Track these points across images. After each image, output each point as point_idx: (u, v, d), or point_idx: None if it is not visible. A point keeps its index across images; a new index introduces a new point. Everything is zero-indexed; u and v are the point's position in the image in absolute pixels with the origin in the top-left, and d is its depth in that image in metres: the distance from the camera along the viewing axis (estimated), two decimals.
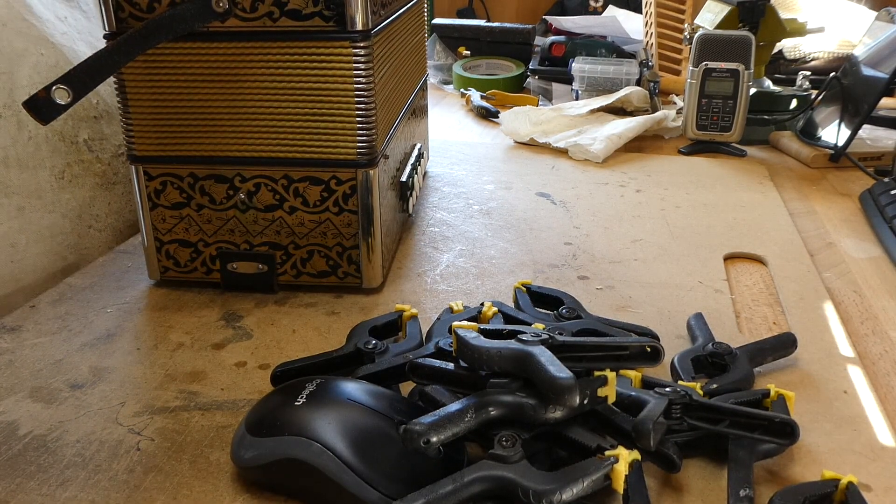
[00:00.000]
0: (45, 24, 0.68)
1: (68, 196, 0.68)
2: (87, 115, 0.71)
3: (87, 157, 0.70)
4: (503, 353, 0.39)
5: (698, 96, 0.98)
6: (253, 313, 0.59)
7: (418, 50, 0.81)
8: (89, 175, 0.70)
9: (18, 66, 0.64)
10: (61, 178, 0.67)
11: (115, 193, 0.74)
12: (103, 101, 0.74)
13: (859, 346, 0.55)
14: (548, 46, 1.30)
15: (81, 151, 0.69)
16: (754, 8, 1.02)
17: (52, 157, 0.66)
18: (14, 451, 0.43)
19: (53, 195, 0.66)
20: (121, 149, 0.75)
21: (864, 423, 0.46)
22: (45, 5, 0.70)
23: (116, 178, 0.74)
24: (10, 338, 0.55)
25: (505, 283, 0.64)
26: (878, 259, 0.69)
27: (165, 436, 0.45)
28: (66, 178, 0.67)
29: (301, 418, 0.39)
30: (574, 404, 0.37)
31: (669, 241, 0.72)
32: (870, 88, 0.91)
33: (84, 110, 0.71)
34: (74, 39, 0.72)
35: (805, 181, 0.90)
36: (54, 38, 0.68)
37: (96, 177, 0.71)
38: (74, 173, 0.68)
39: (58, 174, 0.67)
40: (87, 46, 0.74)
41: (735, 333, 0.56)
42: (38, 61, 0.66)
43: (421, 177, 0.77)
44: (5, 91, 0.63)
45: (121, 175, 0.75)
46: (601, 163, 0.95)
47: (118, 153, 0.74)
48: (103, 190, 0.71)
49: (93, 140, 0.70)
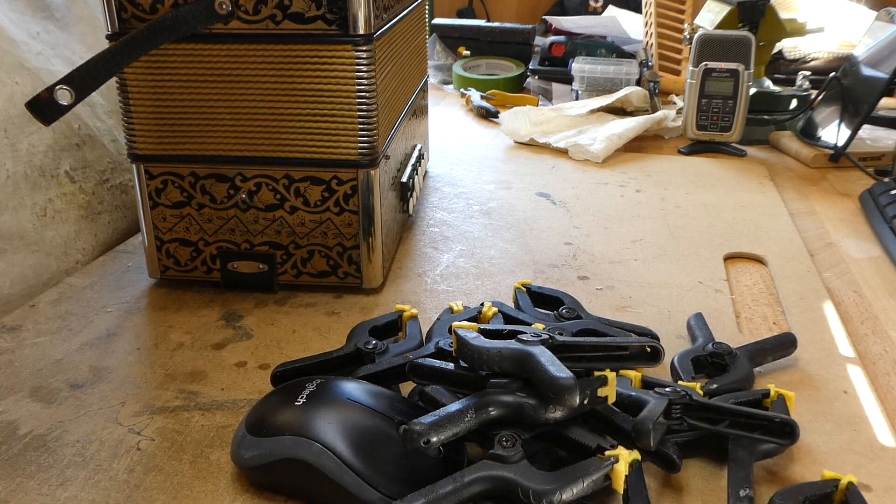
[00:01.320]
0: (18, 48, 0.65)
1: (52, 233, 0.65)
2: (69, 144, 0.69)
3: (70, 190, 0.67)
4: (503, 353, 0.39)
5: (698, 96, 0.98)
6: (253, 313, 0.59)
7: (419, 51, 0.81)
8: (73, 208, 0.67)
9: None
10: (43, 215, 0.64)
11: (101, 223, 0.71)
12: (84, 126, 0.71)
13: (859, 346, 0.55)
14: (548, 46, 1.30)
15: (63, 184, 0.67)
16: (754, 8, 1.02)
17: (32, 195, 0.64)
18: (14, 451, 0.43)
19: (36, 234, 0.64)
20: (105, 175, 0.72)
21: (864, 423, 0.46)
22: (16, 23, 0.67)
23: (101, 208, 0.71)
24: (10, 337, 0.55)
25: (505, 283, 0.64)
26: (878, 259, 0.69)
27: (165, 436, 0.45)
28: (49, 215, 0.65)
29: (301, 418, 0.39)
30: (574, 404, 0.37)
31: (669, 241, 0.72)
32: (870, 88, 0.91)
33: (65, 139, 0.68)
34: (49, 58, 0.69)
35: (805, 181, 0.90)
36: (29, 62, 0.66)
37: (80, 209, 0.68)
38: (57, 208, 0.66)
39: (39, 212, 0.64)
40: (62, 63, 0.71)
41: (735, 333, 0.56)
42: (13, 92, 0.64)
43: (421, 177, 0.77)
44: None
45: (106, 203, 0.72)
46: (601, 163, 0.95)
47: (102, 179, 0.72)
48: (88, 222, 0.69)
49: (74, 170, 0.68)
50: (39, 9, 0.71)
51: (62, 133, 0.68)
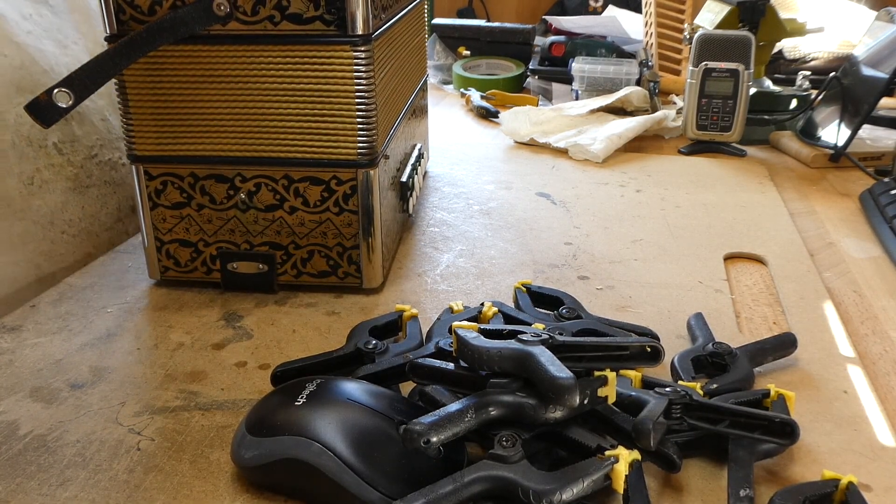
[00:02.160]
0: (7, 24, 0.66)
1: (38, 202, 0.66)
2: None
3: (58, 161, 0.68)
4: (503, 353, 0.39)
5: (698, 96, 0.98)
6: (253, 313, 0.59)
7: (419, 51, 0.81)
8: (60, 179, 0.68)
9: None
10: (30, 183, 0.65)
11: (89, 197, 0.71)
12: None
13: (859, 345, 0.55)
14: (548, 46, 1.30)
15: (51, 155, 0.67)
16: (754, 8, 1.02)
17: (20, 164, 0.64)
18: (14, 451, 0.43)
19: (23, 202, 0.64)
20: (93, 150, 0.73)
21: (864, 422, 0.46)
22: (9, 3, 0.68)
23: (90, 181, 0.72)
24: (10, 337, 0.55)
25: (505, 283, 0.64)
26: (878, 259, 0.69)
27: (166, 436, 0.45)
28: (36, 184, 0.65)
29: (301, 418, 0.39)
30: (574, 404, 0.37)
31: (669, 241, 0.72)
32: (870, 88, 0.91)
33: None
34: (40, 38, 0.70)
35: (805, 181, 0.90)
36: (18, 37, 0.66)
37: (68, 181, 0.68)
38: (44, 178, 0.66)
39: (26, 180, 0.64)
40: (54, 45, 0.72)
41: (735, 333, 0.56)
42: (0, 63, 0.64)
43: (421, 177, 0.77)
44: None
45: (95, 177, 0.73)
46: (601, 163, 0.95)
47: (91, 155, 0.72)
48: (76, 194, 0.69)
49: (63, 143, 0.68)
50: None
51: None
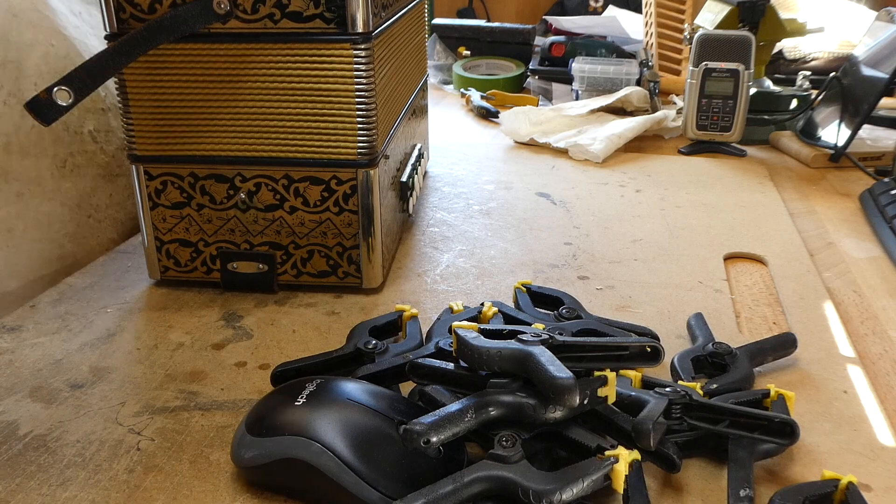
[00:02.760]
0: (58, 17, 0.67)
1: (69, 185, 0.67)
2: (95, 108, 0.71)
3: (91, 148, 0.69)
4: (503, 353, 0.39)
5: (698, 96, 0.97)
6: (253, 313, 0.59)
7: (419, 50, 0.81)
8: (91, 166, 0.69)
9: (27, 56, 0.64)
10: (63, 166, 0.66)
11: (118, 185, 0.73)
12: (111, 95, 0.74)
13: (859, 345, 0.55)
14: (548, 46, 1.30)
15: (85, 142, 0.69)
16: (754, 8, 1.02)
17: (54, 146, 0.66)
18: (14, 451, 0.43)
19: (54, 183, 0.66)
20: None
21: (864, 422, 0.46)
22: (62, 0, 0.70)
23: (120, 171, 0.73)
24: (10, 337, 0.55)
25: (505, 283, 0.64)
26: (878, 259, 0.69)
27: (165, 436, 0.45)
28: (68, 168, 0.67)
29: (301, 418, 0.39)
30: (574, 404, 0.37)
31: (669, 241, 0.72)
32: (870, 88, 0.91)
33: (92, 102, 0.71)
34: (87, 34, 0.71)
35: (805, 181, 0.90)
36: (66, 30, 0.68)
37: (99, 168, 0.70)
38: (77, 163, 0.68)
39: (59, 163, 0.66)
40: (99, 42, 0.74)
41: (735, 333, 0.56)
42: (47, 52, 0.66)
43: (421, 177, 0.77)
44: (11, 79, 0.63)
45: (124, 168, 0.74)
46: (601, 163, 0.95)
47: (123, 146, 0.74)
48: (105, 181, 0.71)
49: (98, 132, 0.70)
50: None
51: (90, 97, 0.70)
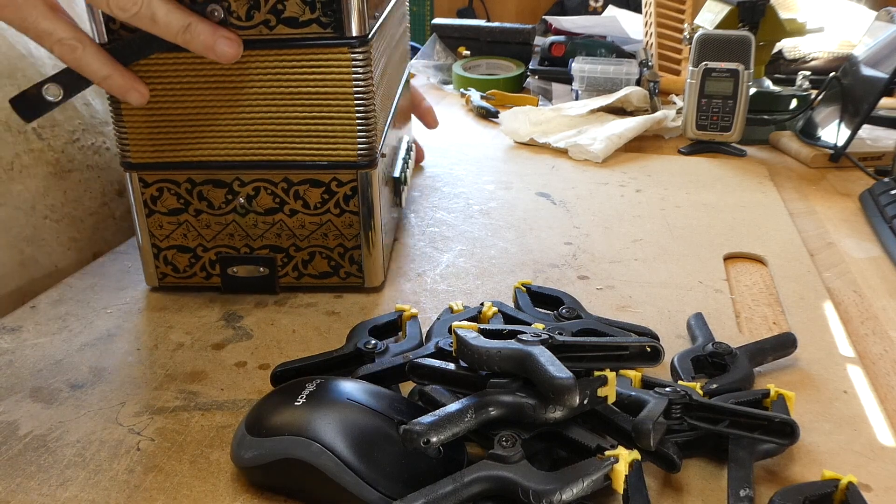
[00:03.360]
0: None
1: (20, 187, 0.65)
2: None
3: (38, 146, 0.67)
4: (503, 353, 0.39)
5: (698, 96, 0.97)
6: (253, 313, 0.59)
7: (402, 46, 0.80)
8: (41, 164, 0.67)
9: None
10: (10, 169, 0.64)
11: (71, 181, 0.70)
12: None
13: (859, 345, 0.55)
14: (548, 46, 1.30)
15: (31, 140, 0.66)
16: (754, 8, 1.02)
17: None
18: (14, 451, 0.43)
19: (3, 187, 0.64)
20: (75, 135, 0.72)
21: (864, 422, 0.46)
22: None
23: (72, 166, 0.70)
24: (10, 338, 0.55)
25: (505, 283, 0.64)
26: (878, 259, 0.69)
27: (165, 436, 0.45)
28: (16, 169, 0.65)
29: (301, 418, 0.39)
30: (574, 404, 0.37)
31: (669, 241, 0.72)
32: (870, 88, 0.91)
33: None
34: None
35: (805, 181, 0.90)
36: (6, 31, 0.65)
37: (49, 165, 0.68)
38: (24, 163, 0.66)
39: (6, 166, 0.64)
40: None
41: (735, 333, 0.56)
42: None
43: (411, 170, 0.77)
44: None
45: (77, 162, 0.71)
46: (601, 163, 0.95)
47: (72, 139, 0.71)
48: (57, 179, 0.68)
49: (42, 128, 0.68)
50: None
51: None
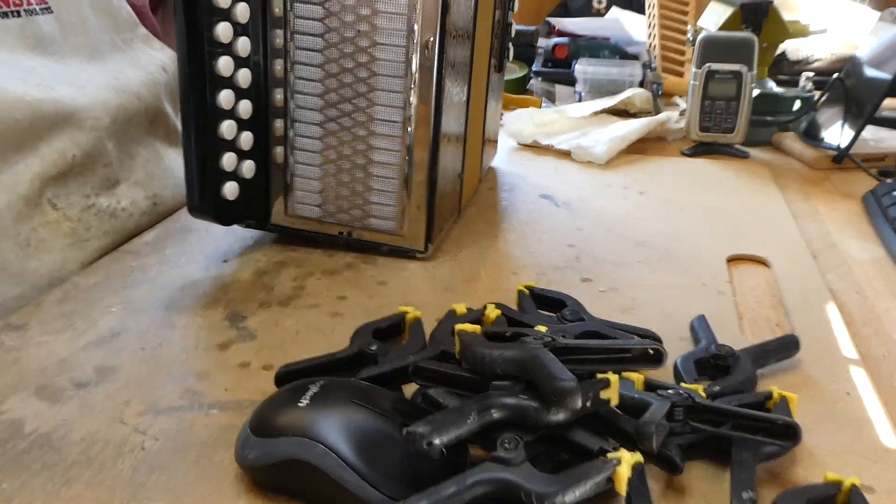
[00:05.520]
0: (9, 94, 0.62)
1: (36, 264, 0.63)
2: (46, 174, 0.65)
3: (53, 217, 0.64)
4: (506, 356, 0.39)
5: (701, 98, 0.97)
6: (257, 314, 0.59)
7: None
8: (58, 237, 0.64)
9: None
10: (27, 245, 0.62)
11: (89, 251, 0.67)
12: (63, 156, 0.66)
13: (862, 347, 0.55)
14: (551, 48, 1.30)
15: (46, 212, 0.64)
16: (757, 9, 1.02)
17: (15, 225, 0.62)
18: (19, 449, 0.44)
19: (19, 265, 0.62)
20: (90, 199, 0.69)
21: (867, 424, 0.46)
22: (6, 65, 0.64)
23: (89, 234, 0.68)
24: (15, 336, 0.56)
25: (508, 285, 0.64)
26: (881, 260, 0.69)
27: (169, 435, 0.45)
28: (33, 245, 0.62)
29: (304, 419, 0.39)
30: (576, 407, 0.37)
31: (672, 243, 0.72)
32: (873, 89, 0.91)
33: (41, 168, 0.65)
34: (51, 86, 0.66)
35: (808, 183, 0.90)
36: (28, 94, 0.62)
37: (66, 237, 0.65)
38: (41, 237, 0.63)
39: (22, 242, 0.62)
40: (69, 87, 0.68)
41: (738, 335, 0.56)
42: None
43: None
44: None
45: (94, 229, 0.69)
46: (604, 165, 0.95)
47: (88, 206, 0.68)
48: (75, 250, 0.66)
49: (57, 196, 0.65)
50: (30, 47, 0.68)
51: (54, 161, 0.65)
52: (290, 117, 0.64)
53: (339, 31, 0.60)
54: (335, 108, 0.63)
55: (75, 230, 0.66)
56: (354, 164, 0.64)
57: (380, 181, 0.64)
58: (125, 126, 0.74)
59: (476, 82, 0.72)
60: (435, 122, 0.62)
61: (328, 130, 0.64)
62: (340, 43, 0.61)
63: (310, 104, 0.63)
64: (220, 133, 0.60)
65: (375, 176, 0.64)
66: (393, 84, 0.61)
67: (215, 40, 0.58)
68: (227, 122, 0.60)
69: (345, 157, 0.64)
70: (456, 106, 0.67)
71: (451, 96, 0.64)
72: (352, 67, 0.61)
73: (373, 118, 0.62)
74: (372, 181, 0.64)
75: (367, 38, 0.60)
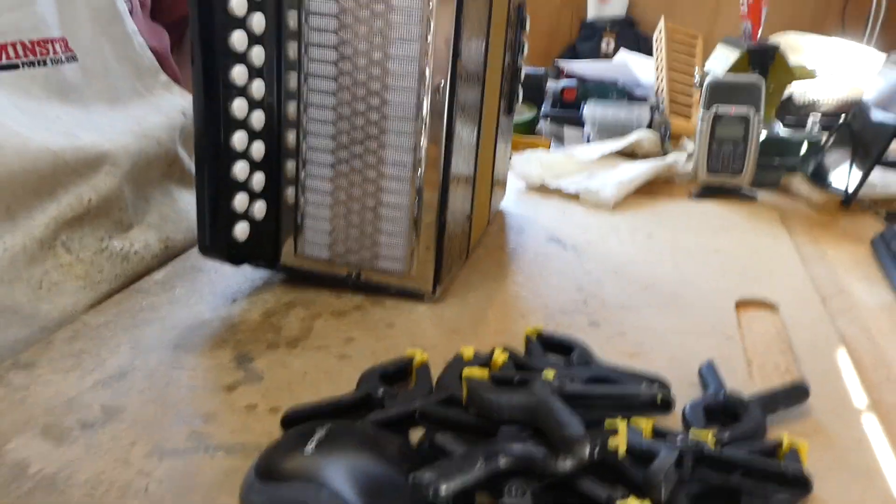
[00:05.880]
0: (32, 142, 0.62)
1: (48, 307, 0.62)
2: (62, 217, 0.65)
3: (66, 260, 0.64)
4: (514, 403, 0.39)
5: (709, 140, 0.98)
6: (264, 355, 0.59)
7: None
8: (70, 279, 0.64)
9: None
10: (39, 288, 0.62)
11: (101, 294, 0.67)
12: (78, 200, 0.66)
13: (873, 393, 0.55)
14: (560, 91, 1.31)
15: (59, 255, 0.64)
16: (764, 53, 1.03)
17: (28, 268, 0.62)
18: (23, 491, 0.43)
19: (31, 308, 0.61)
20: (104, 242, 0.69)
21: (879, 473, 0.46)
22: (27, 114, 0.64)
23: (101, 276, 0.67)
24: (24, 374, 0.56)
25: (516, 328, 0.64)
26: (891, 305, 0.69)
27: (174, 478, 0.45)
28: (45, 288, 0.62)
29: (311, 464, 0.39)
30: (584, 457, 0.36)
31: (680, 287, 0.72)
32: (880, 132, 0.92)
33: (58, 211, 0.65)
34: (76, 134, 0.66)
35: (816, 226, 0.90)
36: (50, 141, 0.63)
37: (78, 280, 0.65)
38: (53, 280, 0.63)
39: (35, 285, 0.62)
40: (94, 133, 0.68)
41: (747, 381, 0.56)
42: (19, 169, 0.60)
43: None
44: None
45: (106, 272, 0.68)
46: (612, 208, 0.95)
47: (101, 249, 0.68)
48: (87, 292, 0.65)
49: (70, 239, 0.65)
50: (55, 95, 0.69)
51: (70, 204, 0.66)
52: (302, 158, 0.65)
53: (351, 74, 0.61)
54: (347, 149, 0.63)
55: (88, 273, 0.66)
56: (364, 205, 0.65)
57: (389, 222, 0.65)
58: (144, 170, 0.75)
59: (486, 125, 0.73)
60: (445, 164, 0.63)
61: (339, 171, 0.64)
62: (353, 86, 0.62)
63: (322, 145, 0.64)
64: (232, 174, 0.61)
65: (385, 217, 0.65)
66: (404, 126, 0.62)
67: (231, 83, 0.59)
68: (240, 163, 0.61)
69: (355, 199, 0.65)
70: (466, 148, 0.68)
71: (461, 139, 0.65)
72: (364, 110, 0.62)
73: (383, 160, 0.63)
74: (381, 222, 0.65)
75: (379, 82, 0.61)
